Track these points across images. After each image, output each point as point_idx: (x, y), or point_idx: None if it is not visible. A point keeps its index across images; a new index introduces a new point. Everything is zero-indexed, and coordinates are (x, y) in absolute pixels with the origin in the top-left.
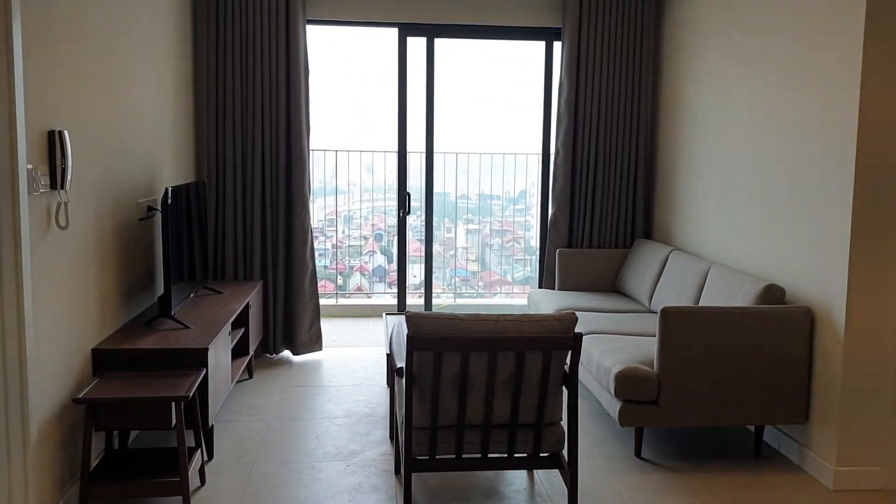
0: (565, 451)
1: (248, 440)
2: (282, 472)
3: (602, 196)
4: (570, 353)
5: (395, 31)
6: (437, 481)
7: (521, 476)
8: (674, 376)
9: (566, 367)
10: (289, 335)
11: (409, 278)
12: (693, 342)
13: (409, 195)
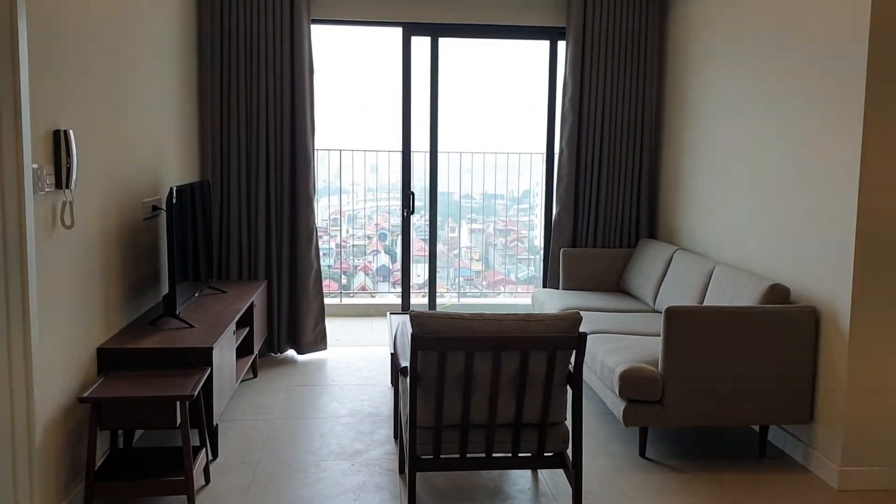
0: (569, 451)
1: (252, 439)
2: (286, 471)
3: (606, 195)
4: (575, 352)
5: (399, 30)
6: (442, 481)
7: (526, 476)
8: (678, 376)
9: (570, 366)
10: (293, 334)
11: (413, 278)
12: (698, 342)
13: (413, 194)
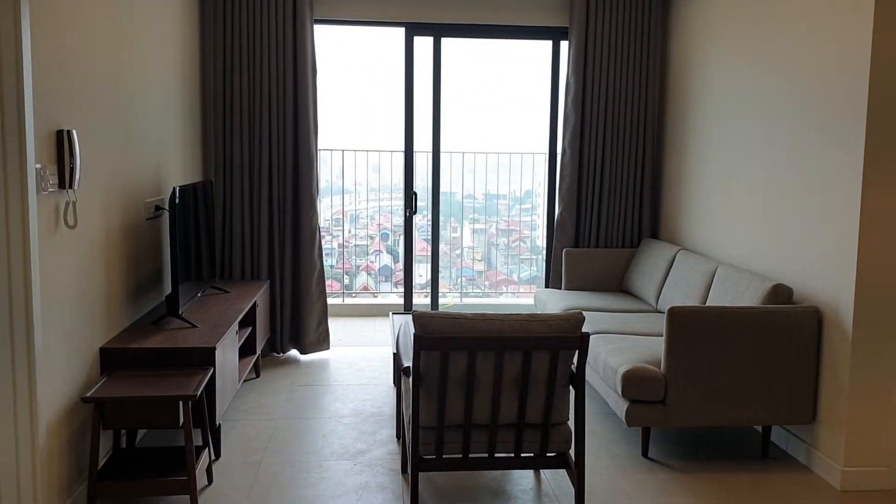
0: (572, 451)
1: (255, 439)
2: (289, 470)
3: (609, 195)
4: (578, 352)
5: (402, 30)
6: (444, 481)
7: (528, 476)
8: (681, 376)
9: (573, 366)
10: (296, 334)
11: (416, 278)
12: (700, 342)
13: (415, 194)
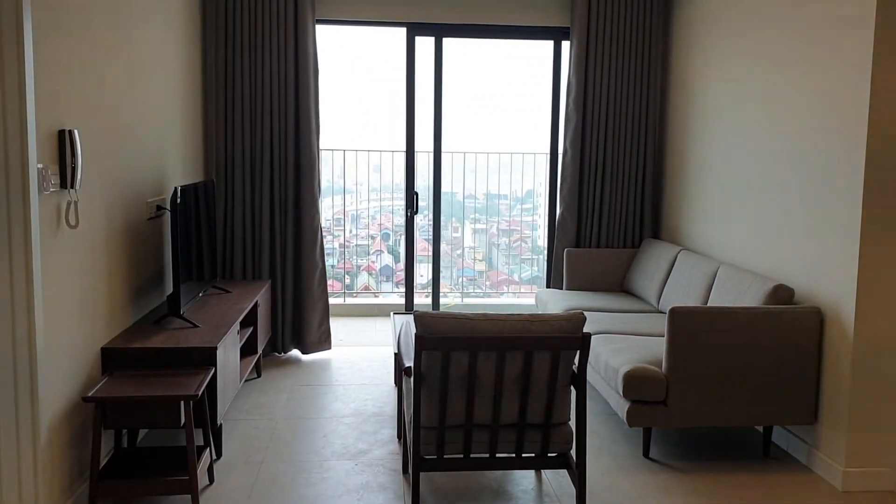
0: (573, 452)
1: (256, 439)
2: (290, 470)
3: (610, 196)
4: (579, 353)
5: (403, 30)
6: (445, 481)
7: (529, 476)
8: (682, 376)
9: (574, 367)
10: (298, 334)
11: (417, 278)
12: (702, 342)
13: (416, 194)
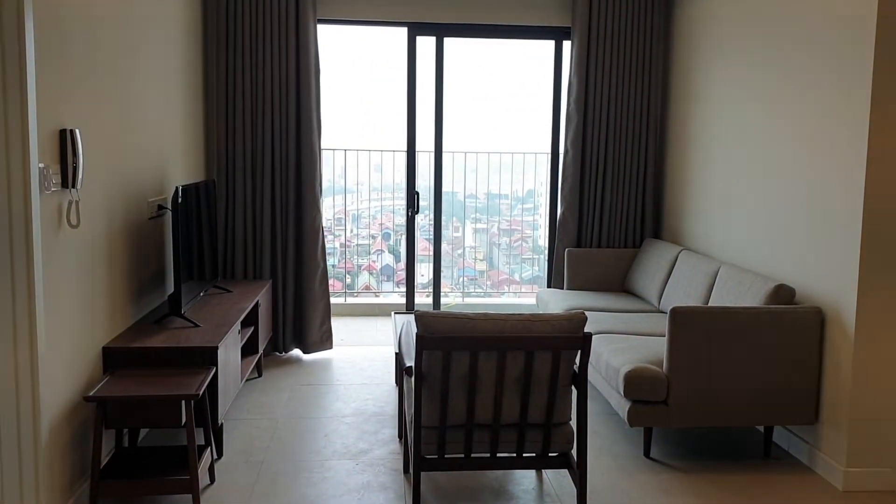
0: (574, 451)
1: (257, 438)
2: (291, 470)
3: (611, 195)
4: (580, 352)
5: (404, 30)
6: (446, 480)
7: (530, 476)
8: (683, 376)
9: (575, 366)
10: (299, 334)
11: (417, 277)
12: (702, 342)
13: (417, 194)
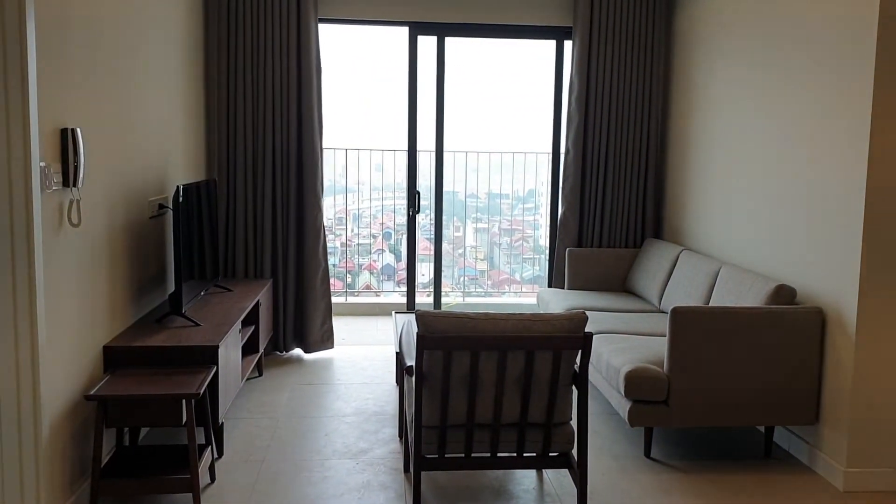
0: (575, 451)
1: (257, 437)
2: (291, 469)
3: (612, 195)
4: (581, 352)
5: (405, 29)
6: (446, 480)
7: (531, 475)
8: (684, 376)
9: (576, 366)
10: (300, 333)
11: (418, 277)
12: (703, 342)
13: (418, 194)
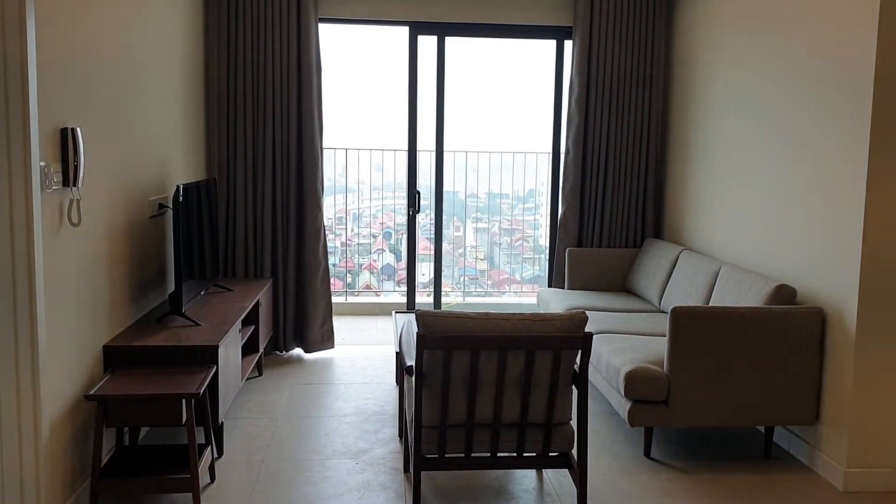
0: (575, 451)
1: (257, 437)
2: (291, 469)
3: (612, 195)
4: (580, 352)
5: (405, 29)
6: (446, 480)
7: (531, 475)
8: (684, 376)
9: (576, 366)
10: (300, 333)
11: (418, 276)
12: (703, 342)
13: (418, 193)
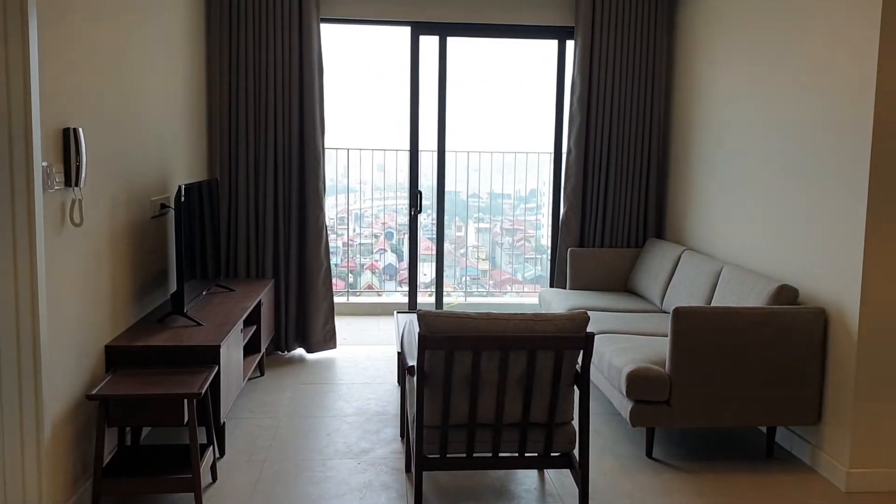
0: (576, 451)
1: (259, 437)
2: (293, 469)
3: (614, 195)
4: (582, 352)
5: (407, 29)
6: (448, 480)
7: (532, 475)
8: (686, 376)
9: (578, 366)
10: (302, 333)
11: (420, 277)
12: (705, 342)
13: (420, 193)
